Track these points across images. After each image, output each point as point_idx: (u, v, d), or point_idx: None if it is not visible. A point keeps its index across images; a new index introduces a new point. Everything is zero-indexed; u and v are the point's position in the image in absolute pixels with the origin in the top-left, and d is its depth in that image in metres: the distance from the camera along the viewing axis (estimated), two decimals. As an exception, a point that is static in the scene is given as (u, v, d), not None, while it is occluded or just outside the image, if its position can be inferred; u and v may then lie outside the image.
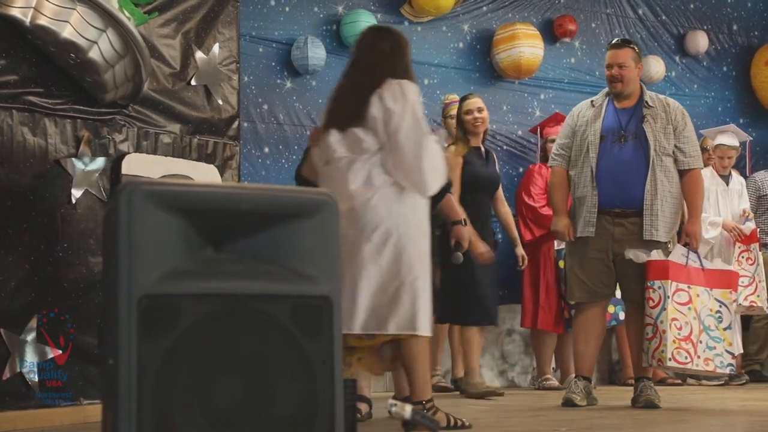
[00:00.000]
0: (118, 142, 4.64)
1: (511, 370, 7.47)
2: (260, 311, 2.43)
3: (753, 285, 7.13)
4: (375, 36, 4.12)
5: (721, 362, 4.93)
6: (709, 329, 4.91)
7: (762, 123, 8.64)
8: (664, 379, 7.32)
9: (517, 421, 4.68)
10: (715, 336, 4.90)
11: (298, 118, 6.88)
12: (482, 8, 7.61)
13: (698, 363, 4.91)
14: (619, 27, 8.17)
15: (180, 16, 4.93)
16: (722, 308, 4.92)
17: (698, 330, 4.90)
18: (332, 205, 2.57)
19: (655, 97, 5.35)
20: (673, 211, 5.16)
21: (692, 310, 4.91)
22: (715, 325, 4.92)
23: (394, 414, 2.58)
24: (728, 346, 4.93)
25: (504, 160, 7.49)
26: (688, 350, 4.88)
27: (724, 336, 4.92)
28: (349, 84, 4.01)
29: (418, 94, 3.89)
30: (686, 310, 4.91)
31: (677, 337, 4.89)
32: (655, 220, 5.08)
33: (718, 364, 4.93)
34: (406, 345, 3.77)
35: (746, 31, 8.72)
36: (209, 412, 2.34)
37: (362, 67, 3.99)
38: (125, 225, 2.34)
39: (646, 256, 5.00)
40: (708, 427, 4.65)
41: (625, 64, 5.22)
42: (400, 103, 3.76)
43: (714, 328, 4.91)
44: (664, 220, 5.10)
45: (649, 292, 4.99)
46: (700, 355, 4.89)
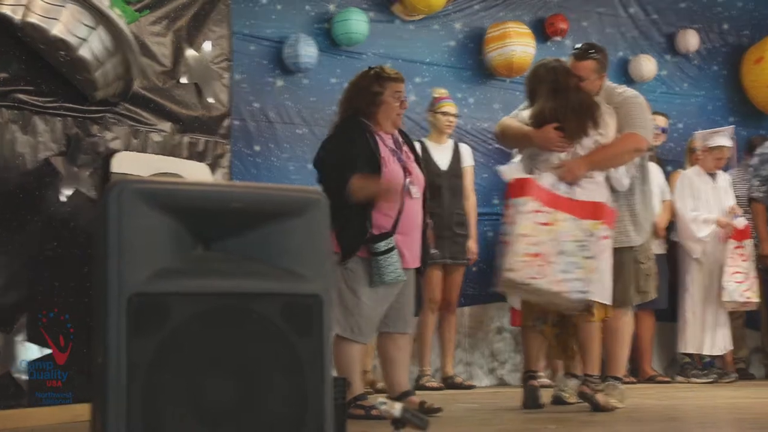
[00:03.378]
0: (109, 140, 4.64)
1: (501, 368, 7.48)
2: (250, 310, 2.43)
3: (748, 281, 7.16)
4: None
5: (573, 287, 4.60)
6: (567, 254, 4.62)
7: (752, 122, 8.66)
8: (653, 376, 7.35)
9: (507, 419, 4.69)
10: (573, 261, 4.62)
11: (289, 117, 6.88)
12: (474, 7, 7.61)
13: (546, 283, 4.58)
14: (610, 26, 8.18)
15: (171, 13, 4.93)
16: (590, 238, 4.65)
17: (555, 252, 4.62)
18: (322, 203, 2.58)
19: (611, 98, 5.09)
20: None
21: (552, 232, 4.65)
22: (577, 252, 4.64)
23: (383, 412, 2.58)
24: (587, 274, 4.60)
25: (495, 159, 7.50)
26: (536, 266, 4.59)
27: (585, 264, 4.63)
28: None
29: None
30: (544, 231, 4.64)
31: (527, 252, 4.61)
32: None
33: (569, 288, 4.59)
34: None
35: (737, 30, 8.74)
36: (199, 411, 2.35)
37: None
38: (115, 223, 2.34)
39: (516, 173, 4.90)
40: (698, 423, 4.67)
41: (585, 77, 4.95)
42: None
43: (574, 255, 4.63)
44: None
45: (506, 210, 4.79)
46: (551, 276, 4.58)
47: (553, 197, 4.76)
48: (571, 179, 4.80)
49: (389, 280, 4.43)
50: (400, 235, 4.50)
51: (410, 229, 4.56)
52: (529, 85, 5.11)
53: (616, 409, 4.87)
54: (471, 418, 4.72)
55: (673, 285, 7.43)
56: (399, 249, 4.46)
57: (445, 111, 6.73)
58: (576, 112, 4.87)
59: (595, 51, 5.04)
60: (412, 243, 4.58)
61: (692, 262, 7.34)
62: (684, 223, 7.32)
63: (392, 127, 4.67)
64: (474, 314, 7.38)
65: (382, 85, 4.62)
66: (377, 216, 4.48)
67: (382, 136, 4.61)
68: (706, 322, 7.28)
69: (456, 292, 6.74)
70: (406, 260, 4.52)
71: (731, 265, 7.16)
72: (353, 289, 4.48)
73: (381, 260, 4.40)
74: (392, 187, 4.42)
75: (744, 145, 8.17)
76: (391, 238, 4.44)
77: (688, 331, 7.31)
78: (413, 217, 4.58)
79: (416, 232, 4.61)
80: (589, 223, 4.69)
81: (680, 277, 7.43)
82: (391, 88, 4.63)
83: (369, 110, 4.61)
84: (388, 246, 4.42)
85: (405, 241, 4.53)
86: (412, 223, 4.57)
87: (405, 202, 4.52)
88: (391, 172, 4.50)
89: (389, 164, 4.52)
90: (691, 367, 7.40)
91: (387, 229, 4.47)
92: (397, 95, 4.63)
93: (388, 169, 4.50)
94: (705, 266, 7.33)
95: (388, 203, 4.43)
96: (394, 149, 4.61)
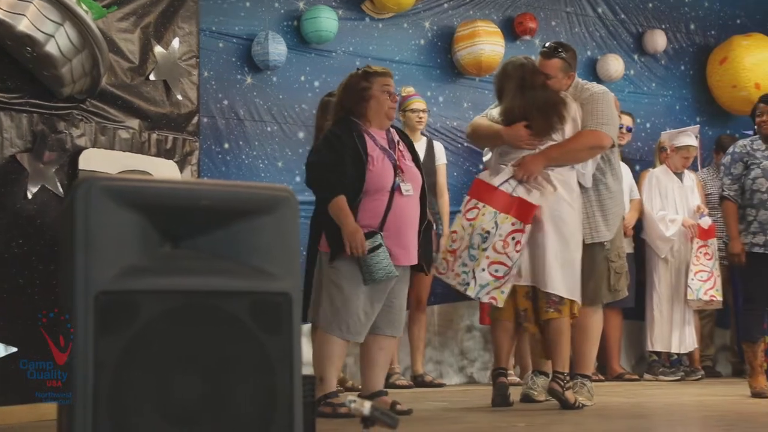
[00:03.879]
0: (76, 137, 4.60)
1: (470, 366, 7.50)
2: (219, 308, 2.41)
3: (712, 279, 7.22)
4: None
5: (463, 279, 4.83)
6: (472, 247, 4.81)
7: (718, 122, 8.73)
8: (621, 374, 7.40)
9: (476, 417, 4.70)
10: (473, 254, 4.80)
11: (258, 114, 6.86)
12: (443, 5, 7.62)
13: (451, 276, 4.89)
14: (579, 25, 8.22)
15: (139, 10, 4.89)
16: (492, 230, 4.77)
17: (465, 246, 4.84)
18: (292, 201, 2.56)
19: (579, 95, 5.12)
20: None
21: (471, 227, 4.85)
22: (479, 244, 4.80)
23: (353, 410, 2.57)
24: (476, 266, 4.77)
25: (465, 157, 7.52)
26: (448, 261, 4.89)
27: (480, 256, 4.78)
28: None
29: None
30: (468, 226, 4.87)
31: (447, 249, 4.92)
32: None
33: (460, 281, 4.84)
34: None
35: (703, 31, 8.82)
36: (167, 409, 2.33)
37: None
38: (82, 221, 2.31)
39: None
40: (665, 421, 4.70)
41: (552, 75, 5.01)
42: None
43: (476, 247, 4.80)
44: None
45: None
46: (453, 269, 4.87)
47: (490, 191, 4.87)
48: (525, 174, 4.85)
49: (379, 277, 4.42)
50: (389, 233, 4.49)
51: (401, 226, 4.54)
52: (498, 83, 5.15)
53: (585, 406, 4.90)
54: (440, 417, 4.73)
55: (641, 283, 7.48)
56: (388, 247, 4.45)
57: (413, 108, 6.74)
58: (541, 109, 4.91)
59: (562, 50, 5.09)
60: (404, 241, 4.55)
61: (659, 261, 7.39)
62: (652, 222, 7.38)
63: (386, 121, 4.67)
64: (443, 313, 7.39)
65: (370, 81, 4.64)
66: (364, 215, 4.48)
67: (373, 135, 4.60)
68: (673, 321, 7.34)
69: (426, 290, 6.75)
70: (396, 258, 4.50)
71: (696, 264, 7.23)
72: (342, 287, 4.48)
73: (368, 258, 4.40)
74: (355, 243, 4.39)
75: (713, 145, 8.25)
76: (377, 235, 4.43)
77: (655, 329, 7.36)
78: (405, 215, 4.55)
79: (409, 230, 4.58)
80: (501, 216, 4.80)
81: (648, 275, 7.48)
82: (379, 83, 4.64)
83: (360, 107, 4.62)
84: (374, 244, 4.41)
85: (395, 239, 4.51)
86: (403, 221, 4.55)
87: (394, 199, 4.51)
88: (377, 171, 4.51)
89: (377, 163, 4.52)
90: (658, 365, 7.46)
91: (374, 227, 4.47)
92: (385, 89, 4.64)
93: (375, 168, 4.50)
94: (672, 265, 7.38)
95: (352, 247, 4.41)
96: (385, 147, 4.59)
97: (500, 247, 4.75)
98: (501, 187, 4.87)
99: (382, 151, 4.58)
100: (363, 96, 4.61)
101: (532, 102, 4.93)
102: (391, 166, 4.56)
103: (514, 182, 4.88)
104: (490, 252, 4.75)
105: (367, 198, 4.50)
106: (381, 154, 4.56)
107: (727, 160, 6.02)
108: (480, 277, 4.75)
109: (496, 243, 4.76)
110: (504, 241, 4.77)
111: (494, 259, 4.75)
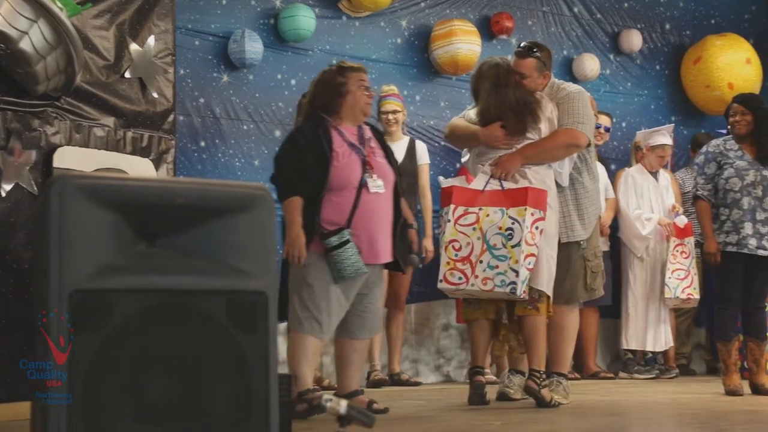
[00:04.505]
0: (50, 134, 4.56)
1: (447, 365, 7.51)
2: (194, 306, 2.41)
3: (689, 278, 7.27)
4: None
5: (502, 281, 4.71)
6: (493, 248, 4.75)
7: (693, 121, 8.79)
8: (596, 372, 7.43)
9: (452, 415, 4.71)
10: (500, 254, 4.73)
11: (234, 112, 6.83)
12: (420, 4, 7.62)
13: (474, 283, 4.76)
14: (555, 25, 8.25)
15: (114, 7, 4.86)
16: (515, 225, 4.73)
17: (480, 250, 4.77)
18: (268, 200, 2.56)
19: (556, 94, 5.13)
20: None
21: (477, 230, 4.80)
22: (503, 243, 4.74)
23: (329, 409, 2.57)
24: (514, 264, 4.69)
25: (441, 156, 7.53)
26: (463, 270, 4.79)
27: (512, 253, 4.71)
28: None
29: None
30: (470, 231, 4.81)
31: (452, 258, 4.82)
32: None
33: (498, 283, 4.72)
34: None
35: (678, 31, 8.87)
36: (142, 408, 2.32)
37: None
38: (56, 219, 2.30)
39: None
40: (640, 419, 4.73)
41: (526, 74, 5.02)
42: None
43: (501, 246, 4.74)
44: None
45: (441, 222, 5.00)
46: (478, 275, 4.75)
47: (478, 195, 4.86)
48: (503, 173, 4.86)
49: (348, 274, 4.38)
50: (358, 231, 4.44)
51: (369, 223, 4.48)
52: (474, 84, 5.17)
53: (561, 404, 4.91)
54: (417, 415, 4.73)
55: (617, 282, 7.51)
56: (357, 244, 4.40)
57: (384, 110, 6.71)
58: (514, 109, 4.93)
59: (537, 49, 5.11)
60: (374, 238, 4.50)
61: (635, 260, 7.43)
62: (628, 221, 7.41)
63: (360, 116, 4.62)
64: (420, 311, 7.40)
65: (345, 76, 4.60)
66: (329, 211, 4.44)
67: (342, 131, 4.56)
68: (648, 319, 7.38)
69: (405, 288, 6.75)
70: (366, 256, 4.45)
71: (673, 262, 7.27)
72: (310, 284, 4.43)
73: (335, 255, 4.36)
74: (293, 250, 4.35)
75: (688, 144, 8.30)
76: (343, 232, 4.39)
77: (631, 327, 7.40)
78: (374, 213, 4.50)
79: (379, 227, 4.52)
80: (515, 210, 4.78)
81: (623, 274, 7.52)
82: (355, 78, 4.60)
83: (334, 103, 4.57)
84: (340, 240, 4.37)
85: (363, 236, 4.45)
86: (371, 218, 4.49)
87: (362, 196, 4.46)
88: (342, 166, 4.45)
89: (342, 159, 4.46)
90: (633, 363, 7.49)
91: (341, 224, 4.43)
92: (361, 84, 4.60)
93: (339, 163, 4.45)
94: (647, 263, 7.43)
95: (289, 253, 4.38)
96: (353, 143, 4.54)
97: (530, 239, 4.74)
98: (487, 188, 4.87)
99: (350, 147, 4.52)
100: (339, 92, 4.57)
101: (506, 102, 4.95)
102: (359, 162, 4.49)
103: (496, 181, 4.88)
104: (524, 246, 4.71)
105: (333, 194, 4.44)
106: (348, 150, 4.50)
107: (701, 159, 6.05)
108: (522, 273, 4.72)
109: (526, 236, 4.73)
110: (531, 232, 4.75)
111: (528, 252, 4.72)
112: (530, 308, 4.86)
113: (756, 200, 5.83)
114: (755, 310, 5.97)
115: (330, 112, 4.59)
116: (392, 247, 4.59)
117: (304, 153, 4.46)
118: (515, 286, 4.69)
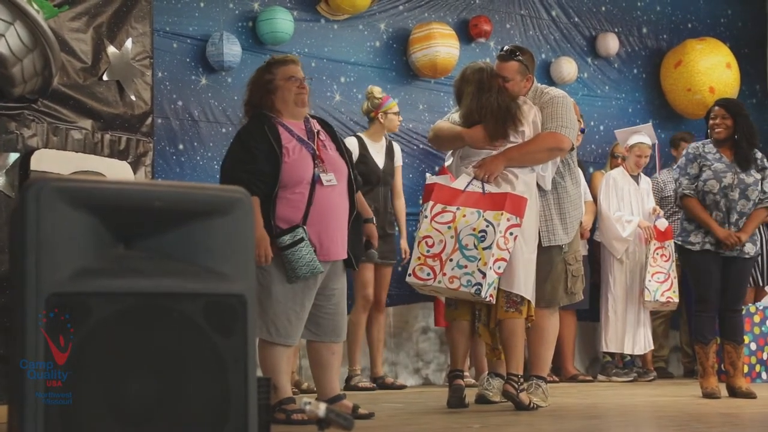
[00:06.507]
0: (27, 137, 4.54)
1: (426, 368, 7.51)
2: (172, 309, 2.40)
3: (668, 281, 7.30)
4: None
5: (468, 281, 4.72)
6: (465, 248, 4.77)
7: (671, 124, 8.84)
8: (575, 375, 7.45)
9: (431, 418, 4.71)
10: (471, 255, 4.75)
11: (213, 115, 6.82)
12: (398, 7, 7.63)
13: (441, 280, 4.78)
14: (533, 28, 8.28)
15: (91, 9, 4.85)
16: (488, 228, 4.75)
17: (452, 248, 4.79)
18: (246, 203, 2.55)
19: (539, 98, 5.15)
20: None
21: (452, 229, 4.82)
22: (475, 243, 4.76)
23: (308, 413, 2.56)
24: (482, 265, 4.71)
25: (420, 159, 7.53)
26: (432, 267, 4.81)
27: (482, 255, 4.73)
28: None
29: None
30: (445, 229, 4.84)
31: (423, 254, 4.84)
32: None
33: (464, 283, 4.74)
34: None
35: (655, 34, 8.92)
36: (120, 412, 2.31)
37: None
38: (33, 222, 2.29)
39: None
40: (619, 421, 4.74)
41: (509, 77, 5.04)
42: None
43: (472, 246, 4.76)
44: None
45: (419, 217, 5.03)
46: (446, 273, 4.77)
47: (457, 195, 4.88)
48: (486, 175, 4.88)
49: (303, 273, 4.26)
50: (314, 227, 4.32)
51: (325, 218, 4.37)
52: (457, 88, 5.19)
53: (539, 407, 4.92)
54: (395, 418, 4.73)
55: (596, 285, 7.54)
56: (315, 241, 4.30)
57: (396, 111, 6.80)
58: (495, 113, 4.95)
59: (519, 53, 5.13)
60: (330, 233, 4.38)
61: (615, 262, 7.46)
62: (609, 222, 7.44)
63: (297, 110, 4.50)
64: (399, 314, 7.40)
65: (272, 72, 4.51)
66: (284, 209, 4.33)
67: (289, 126, 4.45)
68: (627, 322, 7.40)
69: (385, 291, 6.75)
70: (326, 252, 4.35)
71: (653, 265, 7.30)
72: (266, 287, 4.30)
73: (288, 254, 4.24)
74: (259, 251, 4.19)
75: (667, 146, 8.34)
76: (297, 230, 4.27)
77: (609, 330, 7.43)
78: (329, 207, 4.39)
79: (335, 222, 4.40)
80: (492, 213, 4.80)
81: (602, 277, 7.55)
82: (282, 72, 4.50)
83: (266, 100, 4.48)
84: (294, 239, 4.25)
85: (319, 232, 4.34)
86: (328, 213, 4.38)
87: (316, 191, 4.35)
88: (293, 162, 4.34)
89: (292, 154, 4.35)
90: (612, 366, 7.52)
91: (297, 221, 4.32)
92: (289, 77, 4.50)
93: (290, 159, 4.34)
94: (627, 266, 7.46)
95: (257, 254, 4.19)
96: (302, 138, 4.44)
97: (502, 243, 4.75)
98: (468, 189, 4.89)
99: (299, 141, 4.41)
100: (267, 88, 4.48)
101: (488, 105, 4.97)
102: (310, 157, 4.39)
103: (478, 182, 4.91)
104: (495, 250, 4.73)
105: (287, 191, 4.33)
106: (297, 145, 4.40)
107: (682, 161, 6.08)
108: (489, 275, 4.73)
109: (498, 240, 4.75)
110: (504, 237, 4.77)
111: (498, 256, 4.74)
112: (513, 311, 4.86)
113: (732, 202, 5.87)
114: (732, 313, 5.99)
115: (268, 109, 4.49)
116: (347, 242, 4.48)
117: (253, 152, 4.33)
118: (480, 287, 4.72)
